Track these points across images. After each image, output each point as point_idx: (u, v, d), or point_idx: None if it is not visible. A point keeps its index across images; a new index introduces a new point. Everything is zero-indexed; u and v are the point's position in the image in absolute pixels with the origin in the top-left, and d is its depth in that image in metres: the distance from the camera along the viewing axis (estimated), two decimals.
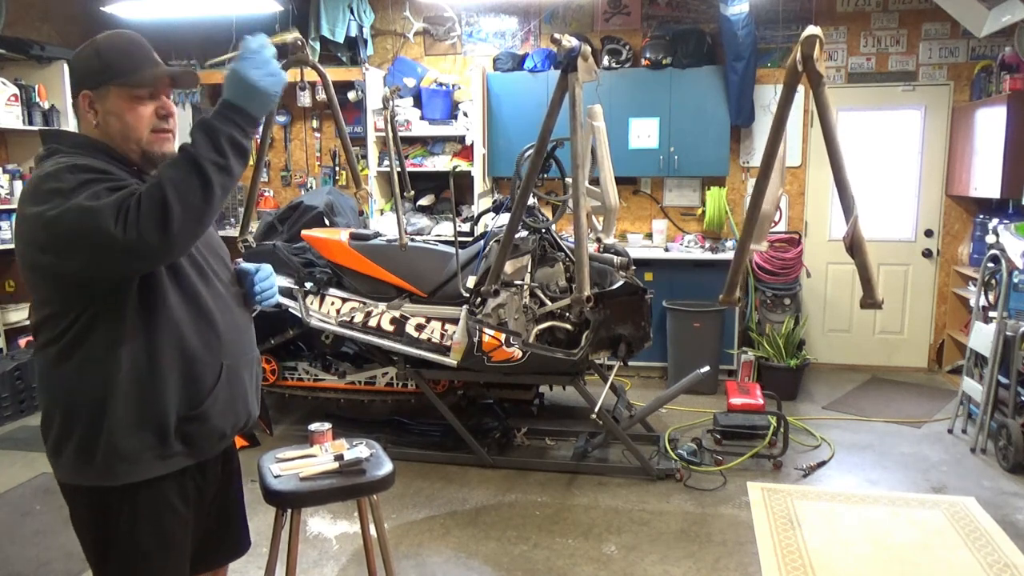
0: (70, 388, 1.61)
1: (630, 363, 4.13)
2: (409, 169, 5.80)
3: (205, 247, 1.77)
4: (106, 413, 1.58)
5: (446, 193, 6.13)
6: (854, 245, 1.26)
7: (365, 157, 5.96)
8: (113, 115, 1.61)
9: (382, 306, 4.06)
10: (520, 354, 3.82)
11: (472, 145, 5.89)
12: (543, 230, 3.80)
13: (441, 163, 6.05)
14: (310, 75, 1.69)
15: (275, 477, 2.14)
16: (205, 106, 6.16)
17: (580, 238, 1.71)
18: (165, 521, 1.68)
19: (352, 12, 5.76)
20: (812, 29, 1.26)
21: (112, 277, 1.54)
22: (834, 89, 5.79)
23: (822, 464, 4.06)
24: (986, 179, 5.13)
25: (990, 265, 4.42)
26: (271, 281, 1.89)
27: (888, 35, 5.72)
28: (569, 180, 3.67)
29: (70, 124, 5.46)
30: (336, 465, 2.18)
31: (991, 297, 4.40)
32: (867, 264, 1.26)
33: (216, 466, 1.84)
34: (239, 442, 4.15)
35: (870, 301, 1.26)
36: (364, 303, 4.09)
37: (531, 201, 3.94)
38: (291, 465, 2.20)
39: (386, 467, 2.21)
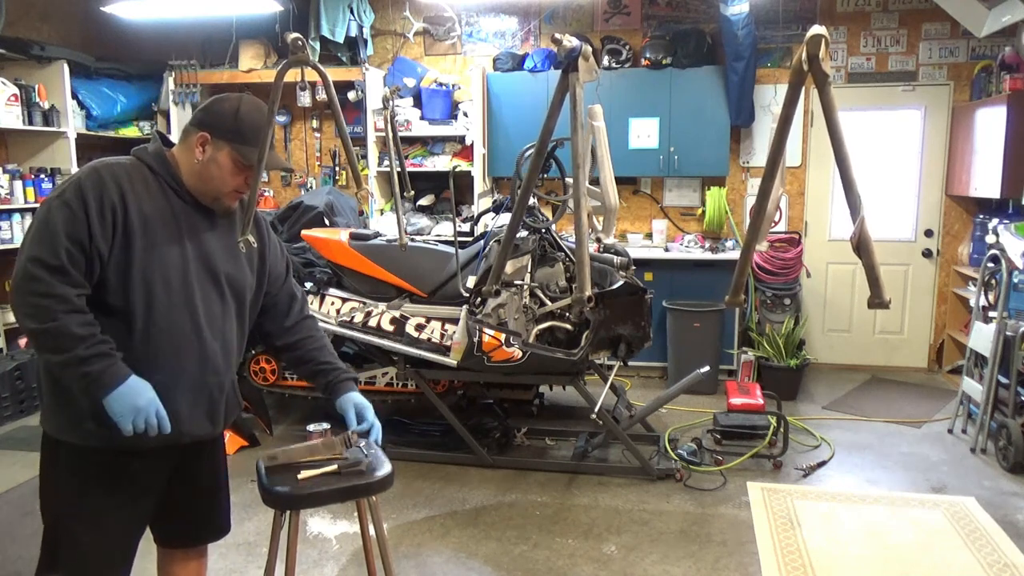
0: None
1: (630, 363, 4.13)
2: (409, 169, 5.80)
3: (203, 268, 1.87)
4: (47, 379, 1.84)
5: (446, 193, 6.12)
6: (861, 245, 1.24)
7: (365, 157, 5.96)
8: (216, 165, 1.83)
9: (382, 306, 4.06)
10: (520, 354, 3.82)
11: (472, 145, 5.89)
12: (543, 230, 3.80)
13: (441, 163, 6.05)
14: (310, 75, 1.69)
15: None
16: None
17: (581, 238, 1.70)
18: (81, 480, 1.84)
19: (352, 12, 5.76)
20: (817, 29, 1.26)
21: None
22: (834, 89, 5.75)
23: (822, 464, 4.06)
24: (986, 179, 5.13)
25: (990, 265, 4.42)
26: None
27: (888, 35, 5.72)
28: (570, 180, 3.68)
29: (70, 124, 5.46)
30: (335, 466, 2.17)
31: (991, 297, 4.40)
32: (874, 264, 1.25)
33: (165, 459, 1.93)
34: (239, 442, 4.15)
35: (877, 301, 1.25)
36: (364, 303, 4.09)
37: (531, 201, 3.94)
38: None
39: (386, 467, 2.20)
